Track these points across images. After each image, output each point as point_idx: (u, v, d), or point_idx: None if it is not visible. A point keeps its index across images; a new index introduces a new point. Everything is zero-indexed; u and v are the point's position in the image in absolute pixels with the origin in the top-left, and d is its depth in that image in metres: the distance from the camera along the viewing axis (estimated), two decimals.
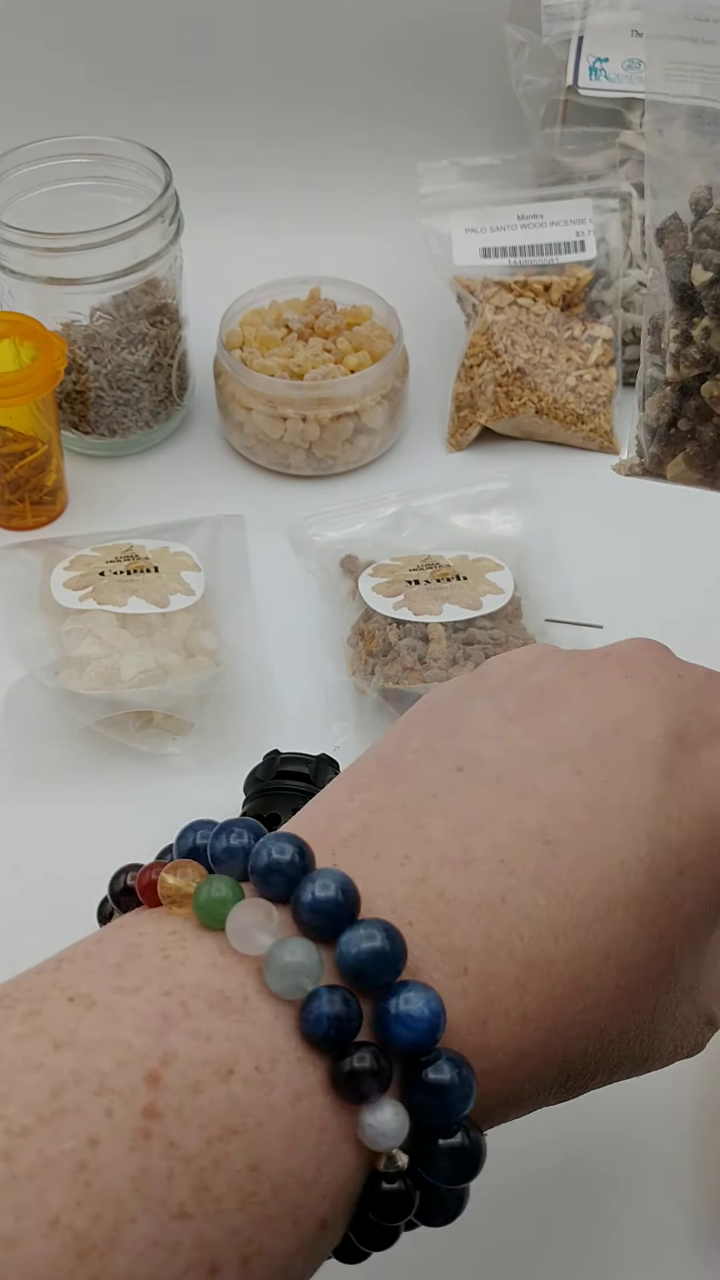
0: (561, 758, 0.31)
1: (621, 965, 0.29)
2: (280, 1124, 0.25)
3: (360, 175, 0.85)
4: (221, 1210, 0.24)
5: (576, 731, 0.31)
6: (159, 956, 0.27)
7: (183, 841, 0.30)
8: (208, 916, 0.27)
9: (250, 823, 0.29)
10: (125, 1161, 0.23)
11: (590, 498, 0.70)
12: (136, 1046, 0.25)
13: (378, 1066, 0.26)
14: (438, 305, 0.78)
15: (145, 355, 0.69)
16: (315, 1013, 0.26)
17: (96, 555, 0.62)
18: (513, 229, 0.75)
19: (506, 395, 0.71)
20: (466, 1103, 0.27)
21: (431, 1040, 0.26)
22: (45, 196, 0.70)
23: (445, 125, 0.84)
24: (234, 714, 0.58)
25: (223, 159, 0.84)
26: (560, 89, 0.76)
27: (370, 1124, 0.26)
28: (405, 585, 0.61)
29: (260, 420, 0.69)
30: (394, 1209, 0.27)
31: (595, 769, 0.31)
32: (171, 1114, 0.24)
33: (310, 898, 0.27)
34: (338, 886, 0.27)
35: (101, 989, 0.26)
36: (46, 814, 0.55)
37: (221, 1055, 0.25)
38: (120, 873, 0.30)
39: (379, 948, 0.27)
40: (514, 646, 0.58)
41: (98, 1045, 0.25)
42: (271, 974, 0.26)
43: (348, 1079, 0.26)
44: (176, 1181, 0.24)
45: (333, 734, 0.58)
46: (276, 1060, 0.26)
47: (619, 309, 0.73)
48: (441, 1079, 0.26)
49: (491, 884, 0.29)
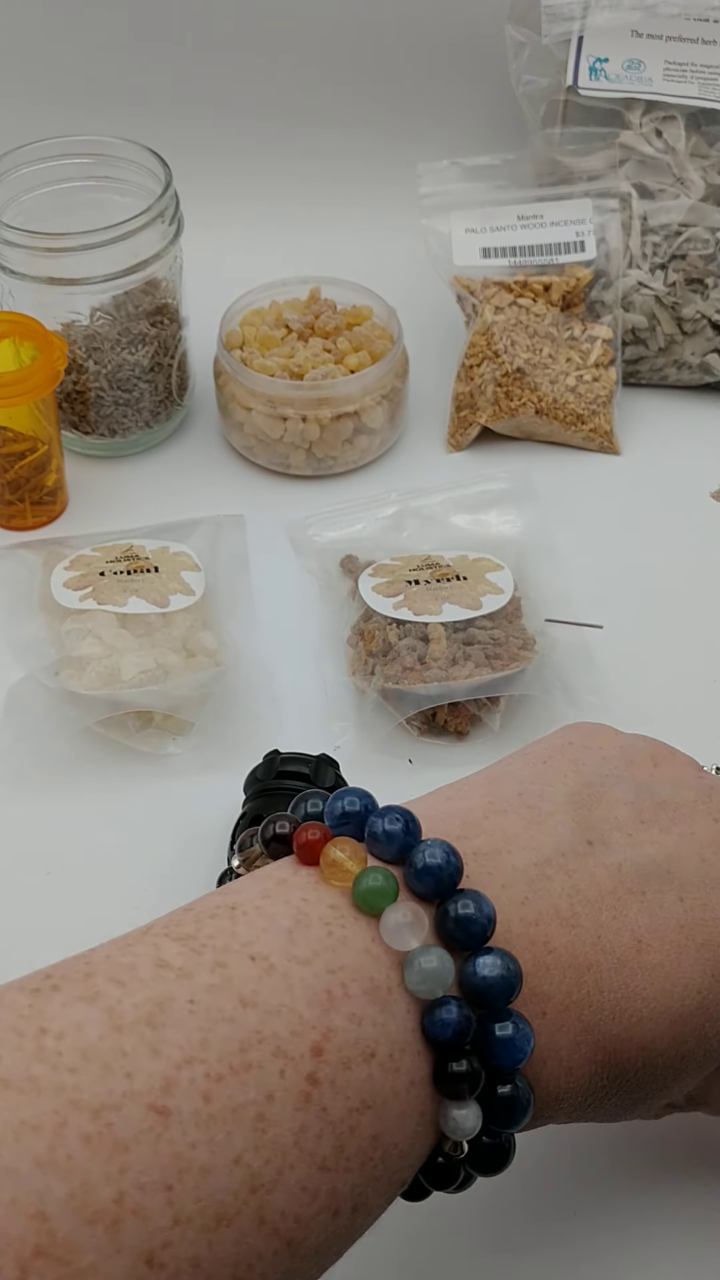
0: (673, 880, 0.35)
1: (647, 1061, 0.34)
2: (399, 1104, 0.30)
3: (360, 175, 0.85)
4: (349, 1168, 0.29)
5: (692, 865, 0.36)
6: (324, 931, 0.30)
7: (334, 807, 0.33)
8: (366, 905, 0.31)
9: (404, 812, 0.33)
10: (291, 1118, 0.28)
11: (590, 498, 0.70)
12: (306, 1018, 0.29)
13: (474, 1074, 0.30)
14: (438, 305, 0.78)
15: (145, 355, 0.69)
16: (441, 1018, 0.30)
17: (96, 555, 0.62)
18: (513, 229, 0.75)
19: (506, 395, 0.71)
20: (525, 1118, 0.32)
21: (518, 1067, 0.31)
22: (45, 196, 0.70)
23: (445, 125, 0.84)
24: (234, 714, 0.58)
25: (223, 159, 0.84)
26: (560, 89, 0.76)
27: (455, 1117, 0.31)
28: (405, 585, 0.61)
29: (260, 420, 0.69)
30: (443, 1180, 0.32)
31: (696, 905, 0.35)
32: (327, 1083, 0.29)
33: (458, 913, 0.31)
34: (483, 912, 0.31)
35: (279, 954, 0.30)
36: (46, 814, 0.55)
37: (368, 1039, 0.29)
38: (272, 820, 0.34)
39: (504, 975, 0.31)
40: (514, 646, 0.58)
41: (276, 1011, 0.29)
42: (411, 974, 0.30)
43: (451, 1079, 0.30)
44: (324, 1140, 0.28)
45: (333, 734, 0.58)
46: (405, 1050, 0.30)
47: (619, 309, 0.73)
48: (514, 1096, 0.31)
49: (585, 952, 0.33)
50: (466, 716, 0.58)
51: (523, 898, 0.33)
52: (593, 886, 0.34)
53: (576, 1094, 0.33)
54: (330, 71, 0.83)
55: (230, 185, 0.83)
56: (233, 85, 0.84)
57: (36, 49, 0.81)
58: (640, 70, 0.74)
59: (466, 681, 0.56)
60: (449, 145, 0.80)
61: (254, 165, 0.85)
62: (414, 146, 0.80)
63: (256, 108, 0.84)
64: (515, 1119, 0.31)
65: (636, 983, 0.33)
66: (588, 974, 0.33)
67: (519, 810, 0.35)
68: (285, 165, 0.85)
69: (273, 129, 0.85)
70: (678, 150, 0.74)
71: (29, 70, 0.82)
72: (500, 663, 0.57)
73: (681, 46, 0.73)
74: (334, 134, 0.85)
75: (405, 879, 0.32)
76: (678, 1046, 0.34)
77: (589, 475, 0.71)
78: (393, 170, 0.80)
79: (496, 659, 0.57)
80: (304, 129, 0.85)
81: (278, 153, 0.85)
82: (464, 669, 0.56)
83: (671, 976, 0.34)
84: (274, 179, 0.86)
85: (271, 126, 0.85)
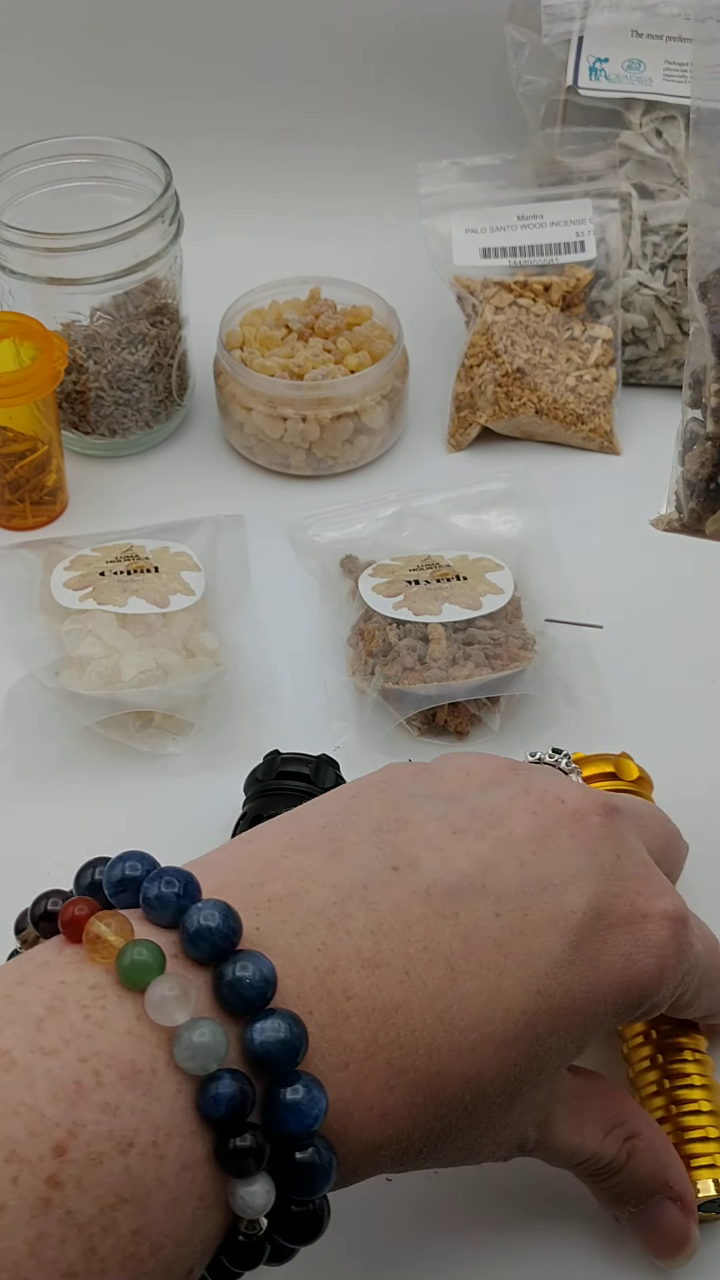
0: (488, 894, 0.33)
1: (475, 1092, 0.32)
2: (166, 1193, 0.27)
3: (360, 175, 0.85)
4: (105, 1270, 0.26)
5: (509, 871, 0.34)
6: (80, 1016, 0.28)
7: (111, 873, 0.31)
8: (129, 981, 0.29)
9: (180, 873, 0.31)
10: (25, 1227, 0.25)
11: (590, 498, 0.70)
12: (48, 1115, 0.26)
13: (259, 1148, 0.28)
14: (438, 305, 0.78)
15: (145, 355, 0.69)
16: (214, 1093, 0.28)
17: (96, 555, 0.62)
18: (513, 229, 0.75)
19: (506, 395, 0.71)
20: (327, 1183, 0.29)
21: (311, 1131, 0.29)
22: (45, 196, 0.70)
23: (445, 125, 0.84)
24: (234, 714, 0.58)
25: (223, 159, 0.84)
26: (560, 89, 0.76)
27: (243, 1195, 0.28)
28: (405, 585, 0.61)
29: (260, 420, 0.69)
30: (248, 1259, 0.30)
31: (514, 917, 0.33)
32: (71, 1184, 0.26)
33: (232, 976, 0.29)
34: (260, 973, 0.29)
35: (22, 1048, 0.27)
36: (46, 814, 0.55)
37: (124, 1129, 0.27)
38: (43, 897, 0.32)
39: (285, 1039, 0.29)
40: (514, 646, 0.58)
41: (14, 1111, 0.26)
42: (180, 1050, 0.28)
43: (232, 1156, 0.28)
44: (69, 1245, 0.26)
45: (333, 734, 0.58)
46: (171, 1134, 0.28)
47: (619, 309, 0.73)
48: (310, 1161, 0.29)
49: (391, 992, 0.31)
50: (466, 716, 0.58)
51: (319, 943, 0.31)
52: (398, 917, 0.32)
53: (399, 1140, 0.31)
54: (330, 72, 0.83)
55: (230, 185, 0.83)
56: (233, 85, 0.84)
57: (37, 49, 0.81)
58: (640, 70, 0.74)
59: (466, 681, 0.56)
60: (449, 145, 0.80)
61: (254, 165, 0.85)
62: (414, 146, 0.80)
63: (257, 108, 0.84)
64: (315, 1185, 0.29)
65: (453, 1014, 0.32)
66: (395, 1015, 0.31)
67: (321, 844, 0.34)
68: (285, 165, 0.85)
69: (273, 129, 0.85)
70: (678, 150, 0.74)
71: (29, 70, 0.82)
72: (500, 663, 0.57)
73: (682, 46, 0.73)
74: (334, 134, 0.85)
75: (182, 944, 0.30)
76: (507, 1072, 0.32)
77: (589, 475, 0.71)
78: (393, 170, 0.80)
79: (496, 659, 0.57)
80: (304, 129, 0.85)
81: (278, 153, 0.85)
82: (464, 669, 0.56)
83: (491, 1001, 0.32)
84: (274, 179, 0.86)
85: (272, 126, 0.85)
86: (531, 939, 0.33)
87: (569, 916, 0.34)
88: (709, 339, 0.43)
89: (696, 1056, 0.43)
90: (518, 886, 0.34)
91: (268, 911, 0.32)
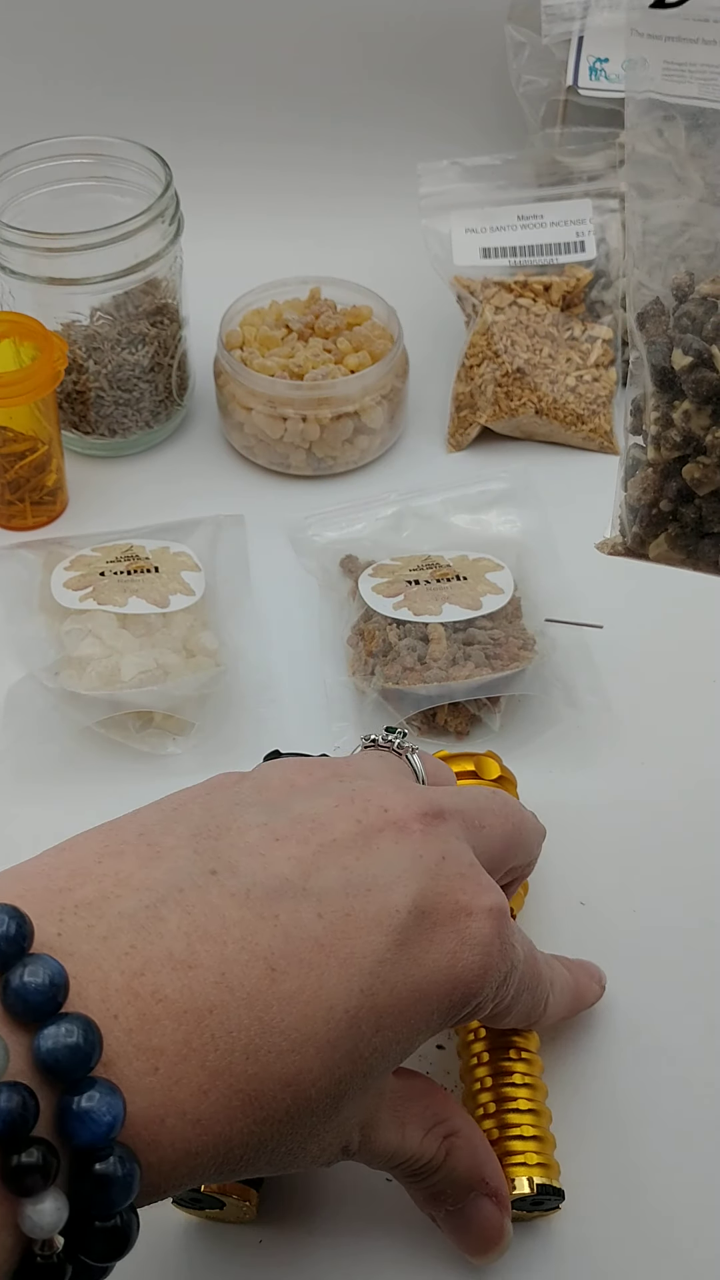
0: (310, 895, 0.33)
1: (297, 1095, 0.31)
2: None
3: (360, 175, 0.85)
4: None
5: (332, 874, 0.33)
6: None
7: None
8: None
9: None
10: None
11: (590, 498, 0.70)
12: None
13: (45, 1163, 0.27)
14: (438, 305, 0.78)
15: (145, 355, 0.69)
16: None
17: (96, 555, 0.62)
18: (513, 229, 0.75)
19: (506, 395, 0.71)
20: (128, 1196, 0.28)
21: (107, 1141, 0.28)
22: (45, 196, 0.70)
23: (445, 125, 0.84)
24: (234, 714, 0.58)
25: (223, 159, 0.84)
26: (560, 89, 0.76)
27: (30, 1215, 0.27)
28: (405, 585, 0.61)
29: (260, 420, 0.69)
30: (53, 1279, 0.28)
31: (337, 917, 0.33)
32: None
33: (19, 982, 0.28)
34: (48, 977, 0.28)
35: None
36: (46, 814, 0.55)
37: None
38: None
39: (74, 1045, 0.28)
40: (514, 646, 0.58)
41: None
42: None
43: (14, 1174, 0.26)
44: None
45: (333, 734, 0.58)
46: None
47: (619, 309, 0.73)
48: (108, 1173, 0.28)
49: (206, 994, 0.30)
50: (466, 717, 0.58)
51: (127, 946, 0.30)
52: (215, 920, 0.31)
53: (217, 1147, 0.30)
54: (330, 72, 0.83)
55: (230, 185, 0.83)
56: (233, 85, 0.84)
57: (37, 49, 0.81)
58: None
59: (466, 682, 0.56)
60: (449, 145, 0.80)
61: (254, 165, 0.85)
62: (414, 147, 0.80)
63: (257, 108, 0.84)
64: (114, 1198, 0.28)
65: (273, 1014, 0.31)
66: (210, 1016, 0.30)
67: (137, 849, 0.33)
68: (285, 165, 0.86)
69: (273, 129, 0.85)
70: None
71: (29, 70, 0.82)
72: (500, 663, 0.57)
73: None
74: (334, 135, 0.85)
75: None
76: (330, 1073, 0.32)
77: (589, 475, 0.71)
78: (393, 171, 0.80)
79: (496, 659, 0.57)
80: (304, 129, 0.85)
81: (278, 153, 0.85)
82: (464, 669, 0.56)
83: (313, 1001, 0.31)
84: (274, 179, 0.86)
85: (272, 126, 0.85)
86: (355, 938, 0.33)
87: (393, 916, 0.34)
88: (648, 368, 0.43)
89: (525, 1055, 0.43)
90: (340, 888, 0.33)
91: (73, 916, 0.31)
